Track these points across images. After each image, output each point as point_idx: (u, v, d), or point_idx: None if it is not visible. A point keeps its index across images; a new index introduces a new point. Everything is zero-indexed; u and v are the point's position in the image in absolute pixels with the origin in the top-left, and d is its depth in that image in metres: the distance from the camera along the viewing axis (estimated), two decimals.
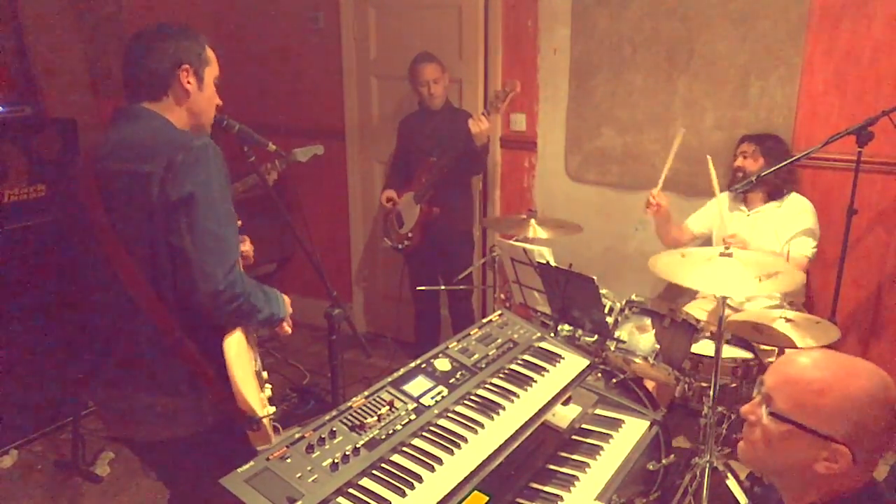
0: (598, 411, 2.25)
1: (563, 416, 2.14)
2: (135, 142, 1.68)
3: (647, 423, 2.20)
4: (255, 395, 1.71)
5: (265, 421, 1.71)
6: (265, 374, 1.85)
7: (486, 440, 1.68)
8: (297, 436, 1.56)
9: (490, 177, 3.97)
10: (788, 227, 3.01)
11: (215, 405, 1.74)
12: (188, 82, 1.77)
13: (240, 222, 1.77)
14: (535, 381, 1.95)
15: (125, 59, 1.77)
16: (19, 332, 3.26)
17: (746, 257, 2.41)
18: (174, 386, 1.73)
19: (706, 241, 3.29)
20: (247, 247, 2.02)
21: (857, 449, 1.18)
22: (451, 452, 1.61)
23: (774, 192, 3.08)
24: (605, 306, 2.75)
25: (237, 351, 1.71)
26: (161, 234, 1.63)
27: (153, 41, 1.75)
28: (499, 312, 2.26)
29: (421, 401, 1.76)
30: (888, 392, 1.20)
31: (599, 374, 2.71)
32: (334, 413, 1.66)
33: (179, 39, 1.76)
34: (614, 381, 2.70)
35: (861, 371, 1.22)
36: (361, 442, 1.58)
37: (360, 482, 1.49)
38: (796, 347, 2.41)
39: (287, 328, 1.90)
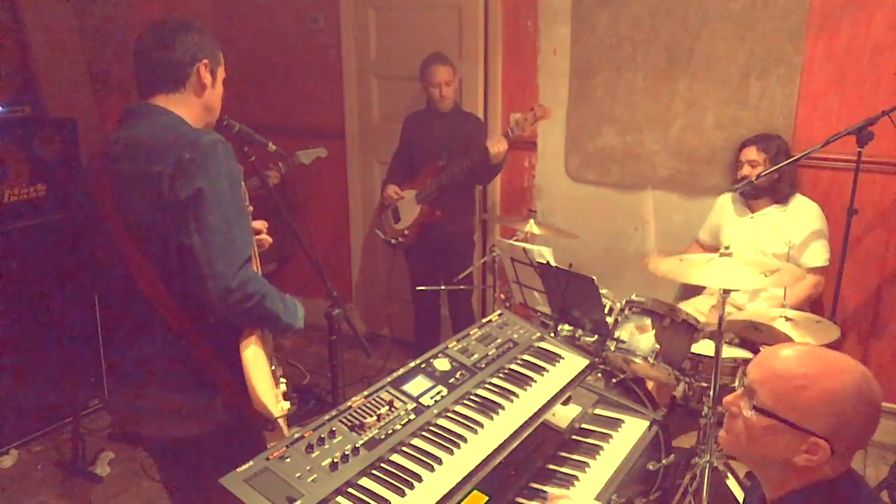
0: (598, 411, 2.24)
1: (563, 415, 2.14)
2: (145, 141, 1.67)
3: (647, 423, 2.20)
4: (270, 395, 1.70)
5: (280, 420, 1.71)
6: (279, 370, 1.85)
7: (485, 440, 1.68)
8: (296, 436, 1.56)
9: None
10: (793, 229, 3.01)
11: (230, 406, 1.74)
12: (205, 77, 1.77)
13: (251, 208, 1.77)
14: (535, 381, 1.94)
15: (141, 50, 1.75)
16: (19, 331, 3.26)
17: (747, 258, 2.42)
18: (188, 385, 1.73)
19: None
20: (259, 225, 1.98)
21: (836, 442, 1.22)
22: (451, 452, 1.61)
23: (780, 197, 3.07)
24: (605, 306, 2.75)
25: (254, 353, 1.70)
26: (173, 233, 1.62)
27: (175, 33, 1.73)
28: (499, 312, 2.25)
29: (420, 401, 1.75)
30: (868, 388, 1.24)
31: (599, 374, 2.71)
32: (334, 413, 1.66)
33: (199, 34, 1.76)
34: (614, 381, 2.70)
35: (843, 367, 1.25)
36: (361, 442, 1.58)
37: (359, 482, 1.49)
38: None
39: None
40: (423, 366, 1.89)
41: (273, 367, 1.80)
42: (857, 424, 1.22)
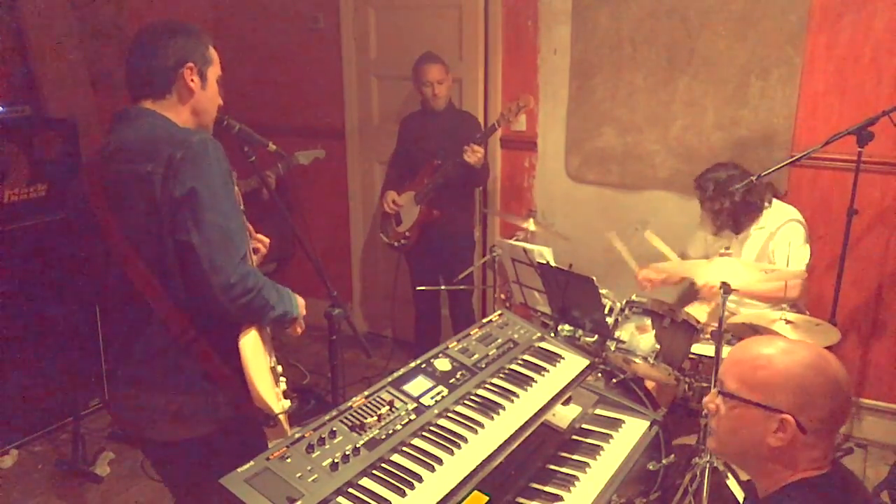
0: (598, 411, 2.25)
1: (563, 416, 2.14)
2: (136, 142, 1.68)
3: (647, 423, 2.20)
4: (270, 392, 1.71)
5: (281, 417, 1.71)
6: (280, 368, 1.85)
7: (486, 440, 1.68)
8: (297, 436, 1.56)
9: (489, 179, 3.97)
10: (776, 238, 2.98)
11: (231, 404, 1.74)
12: (192, 80, 1.76)
13: (241, 207, 1.77)
14: (536, 381, 1.95)
15: (129, 57, 1.76)
16: (20, 331, 3.26)
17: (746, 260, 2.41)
18: (189, 385, 1.73)
19: None
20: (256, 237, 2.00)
21: (802, 417, 1.27)
22: (451, 452, 1.61)
23: (742, 221, 3.01)
24: (605, 306, 2.75)
25: (253, 350, 1.71)
26: (168, 232, 1.63)
27: (157, 38, 1.74)
28: (499, 312, 2.26)
29: (421, 401, 1.76)
30: (827, 364, 1.29)
31: (599, 374, 2.72)
32: (334, 413, 1.66)
33: (184, 37, 1.76)
34: (614, 381, 2.70)
35: (802, 347, 1.33)
36: (361, 442, 1.58)
37: (360, 482, 1.49)
38: None
39: (298, 329, 1.89)
40: (423, 366, 1.89)
41: (272, 365, 1.80)
42: (819, 398, 1.27)
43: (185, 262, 1.64)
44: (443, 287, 3.69)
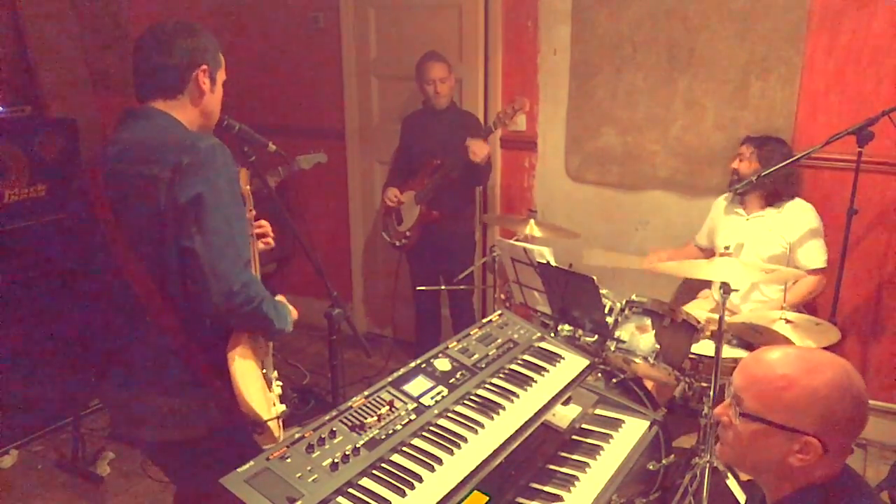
0: (598, 411, 2.25)
1: (563, 416, 2.14)
2: (142, 143, 1.67)
3: (647, 423, 2.20)
4: (259, 399, 1.69)
5: (270, 423, 1.70)
6: (275, 374, 1.84)
7: (486, 440, 1.68)
8: (297, 436, 1.56)
9: (490, 177, 3.97)
10: (790, 230, 3.00)
11: (222, 408, 1.74)
12: (204, 83, 1.75)
13: (254, 211, 1.77)
14: (536, 381, 1.95)
15: (139, 55, 1.74)
16: (19, 332, 3.26)
17: (747, 259, 2.42)
18: (182, 388, 1.73)
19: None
20: (266, 227, 1.99)
21: (826, 439, 1.23)
22: (451, 452, 1.61)
23: (772, 197, 3.06)
24: (605, 306, 2.75)
25: (241, 359, 1.70)
26: (169, 236, 1.62)
27: (173, 38, 1.72)
28: (499, 312, 2.26)
29: (421, 401, 1.76)
30: (851, 382, 1.25)
31: (599, 374, 2.72)
32: (334, 413, 1.66)
33: (198, 38, 1.75)
34: (614, 381, 2.70)
35: (824, 364, 1.26)
36: (361, 442, 1.58)
37: (360, 482, 1.49)
38: None
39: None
40: (423, 366, 1.89)
41: (265, 371, 1.79)
42: (844, 419, 1.23)
43: (188, 267, 1.63)
44: (443, 287, 3.69)
